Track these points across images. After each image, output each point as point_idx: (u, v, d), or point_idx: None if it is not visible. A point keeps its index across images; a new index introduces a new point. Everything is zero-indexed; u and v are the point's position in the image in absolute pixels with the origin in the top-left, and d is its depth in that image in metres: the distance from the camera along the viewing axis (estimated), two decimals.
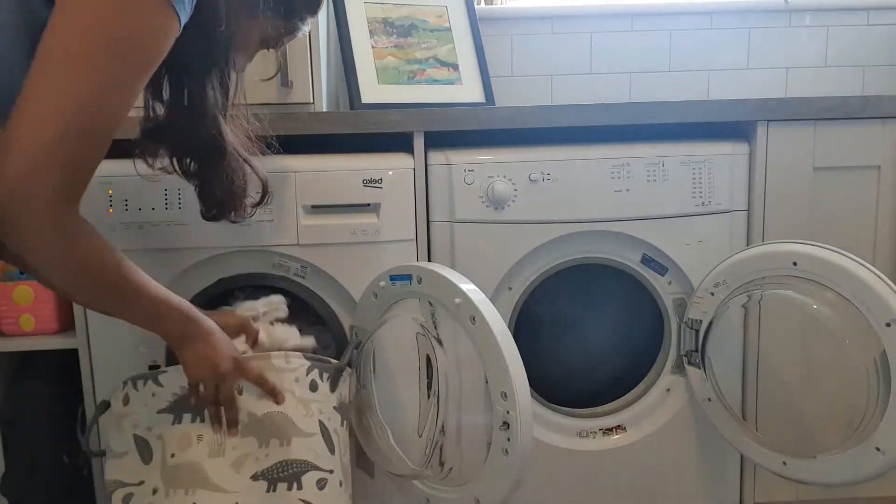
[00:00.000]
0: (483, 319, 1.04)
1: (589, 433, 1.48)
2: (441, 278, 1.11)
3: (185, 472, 1.05)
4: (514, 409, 1.00)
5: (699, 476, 1.50)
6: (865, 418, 1.16)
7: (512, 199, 1.37)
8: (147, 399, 1.10)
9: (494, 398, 1.02)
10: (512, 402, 1.00)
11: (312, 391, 1.14)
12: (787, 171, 1.42)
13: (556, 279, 1.42)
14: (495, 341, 1.03)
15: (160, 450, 1.07)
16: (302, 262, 1.32)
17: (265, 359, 1.12)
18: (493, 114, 1.39)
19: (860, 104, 1.41)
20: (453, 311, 1.08)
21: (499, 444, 1.03)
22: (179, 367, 1.06)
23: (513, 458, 1.01)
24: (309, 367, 1.15)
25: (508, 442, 1.01)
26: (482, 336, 1.04)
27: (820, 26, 2.01)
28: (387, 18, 1.69)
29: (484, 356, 1.04)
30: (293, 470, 1.07)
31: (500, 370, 1.02)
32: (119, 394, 1.11)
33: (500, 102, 1.76)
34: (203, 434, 1.07)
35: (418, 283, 1.15)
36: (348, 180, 1.31)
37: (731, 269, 1.29)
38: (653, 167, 1.39)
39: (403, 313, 1.23)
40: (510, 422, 1.01)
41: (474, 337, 1.05)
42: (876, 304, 1.10)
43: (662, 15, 2.01)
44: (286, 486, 1.07)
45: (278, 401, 1.10)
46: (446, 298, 1.10)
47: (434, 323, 1.30)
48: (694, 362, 1.38)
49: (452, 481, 1.18)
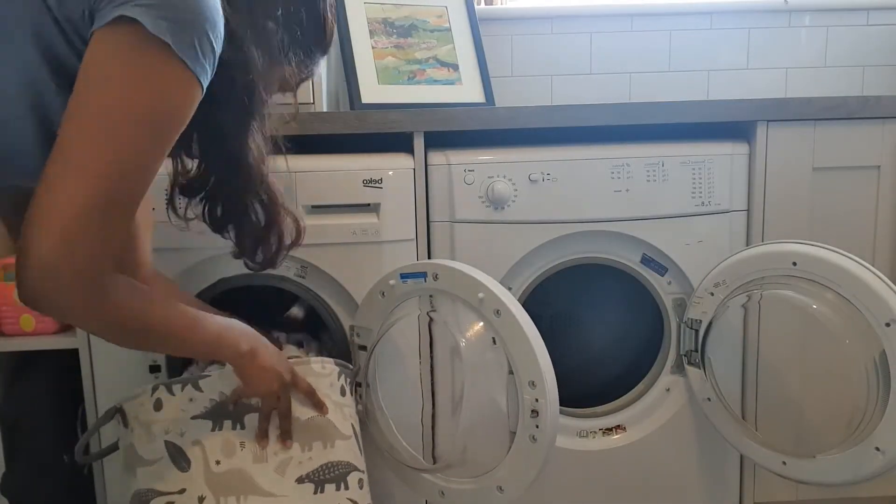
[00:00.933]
0: (509, 312, 1.08)
1: (589, 433, 1.48)
2: (460, 274, 1.14)
3: (234, 479, 1.03)
4: (542, 397, 1.06)
5: (699, 476, 1.50)
6: (865, 418, 1.16)
7: (512, 199, 1.37)
8: (185, 404, 1.06)
9: (522, 387, 1.07)
10: (541, 391, 1.06)
11: (342, 396, 1.15)
12: (786, 172, 1.42)
13: (556, 279, 1.42)
14: (522, 332, 1.07)
15: (200, 457, 1.04)
16: (302, 262, 1.32)
17: (306, 363, 1.13)
18: (493, 114, 1.39)
19: (860, 104, 1.41)
20: (475, 306, 1.11)
21: (526, 431, 1.08)
22: (223, 372, 1.05)
23: (540, 445, 1.07)
24: (339, 372, 1.16)
25: (537, 429, 1.07)
26: (509, 328, 1.08)
27: (820, 26, 2.01)
28: (387, 18, 1.69)
29: (510, 347, 1.09)
30: (339, 471, 1.09)
31: (528, 360, 1.07)
32: (147, 399, 1.07)
33: (500, 102, 1.76)
34: (245, 441, 1.06)
35: (434, 279, 1.17)
36: (348, 180, 1.31)
37: (731, 269, 1.29)
38: (653, 167, 1.39)
39: (412, 312, 1.25)
40: (539, 409, 1.06)
41: (500, 329, 1.09)
42: (875, 304, 1.10)
43: (662, 15, 2.01)
44: (334, 487, 1.08)
45: (323, 412, 1.10)
46: (467, 293, 1.13)
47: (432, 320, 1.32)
48: (694, 362, 1.38)
49: (467, 472, 1.21)
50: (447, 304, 1.20)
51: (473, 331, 1.19)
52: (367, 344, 1.27)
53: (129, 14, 0.72)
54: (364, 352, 1.28)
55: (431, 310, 1.22)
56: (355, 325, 1.29)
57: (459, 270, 1.15)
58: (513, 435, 1.11)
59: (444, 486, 1.23)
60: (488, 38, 1.82)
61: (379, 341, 1.26)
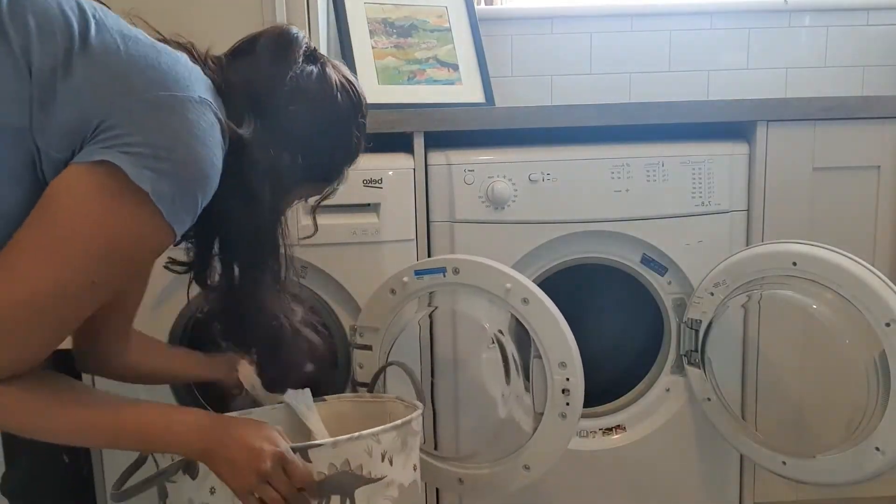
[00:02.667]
0: (537, 299, 1.15)
1: (589, 433, 1.48)
2: (485, 266, 1.19)
3: None
4: (573, 376, 1.14)
5: (699, 476, 1.50)
6: (865, 418, 1.16)
7: (512, 199, 1.37)
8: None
9: (552, 369, 1.15)
10: (572, 370, 1.14)
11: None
12: (786, 172, 1.42)
13: (556, 279, 1.42)
14: (552, 317, 1.15)
15: None
16: (302, 262, 1.32)
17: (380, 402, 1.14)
18: (493, 114, 1.39)
19: (860, 104, 1.41)
20: (501, 296, 1.16)
21: (556, 409, 1.16)
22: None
23: (570, 422, 1.15)
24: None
25: (567, 406, 1.15)
26: (538, 314, 1.15)
27: (819, 26, 2.01)
28: (387, 19, 1.69)
29: (540, 332, 1.16)
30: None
31: (558, 342, 1.15)
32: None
33: (500, 102, 1.76)
34: None
35: (454, 273, 1.19)
36: (348, 180, 1.31)
37: (731, 269, 1.29)
38: (653, 167, 1.39)
39: (422, 310, 1.28)
40: (570, 388, 1.14)
41: (528, 316, 1.16)
42: (875, 304, 1.10)
43: (662, 15, 2.01)
44: None
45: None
46: (492, 285, 1.17)
47: (430, 317, 1.36)
48: (693, 362, 1.38)
49: (485, 458, 1.25)
50: (465, 297, 1.25)
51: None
52: (370, 343, 1.27)
53: (114, 161, 0.71)
54: (368, 351, 1.27)
55: (431, 307, 1.24)
56: (358, 325, 1.29)
57: (484, 263, 1.19)
58: (539, 416, 1.18)
59: (463, 474, 1.25)
60: (488, 38, 1.82)
61: (391, 347, 1.27)
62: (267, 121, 0.85)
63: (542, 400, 1.17)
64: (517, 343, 1.26)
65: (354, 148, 0.97)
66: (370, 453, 0.94)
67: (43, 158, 0.72)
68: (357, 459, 0.93)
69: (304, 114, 0.88)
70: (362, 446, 0.93)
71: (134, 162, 0.71)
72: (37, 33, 0.71)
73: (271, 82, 0.86)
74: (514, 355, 1.27)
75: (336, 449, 0.92)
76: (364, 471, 0.93)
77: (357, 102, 0.95)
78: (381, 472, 0.95)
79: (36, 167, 0.73)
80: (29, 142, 0.71)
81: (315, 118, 0.90)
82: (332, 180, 0.99)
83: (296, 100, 0.87)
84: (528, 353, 1.22)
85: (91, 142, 0.72)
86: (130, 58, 0.75)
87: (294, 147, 0.88)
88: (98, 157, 0.71)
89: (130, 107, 0.73)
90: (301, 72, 0.88)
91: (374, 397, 1.20)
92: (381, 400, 1.16)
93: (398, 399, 1.14)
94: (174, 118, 0.74)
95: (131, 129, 0.72)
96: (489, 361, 1.35)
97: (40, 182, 0.73)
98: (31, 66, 0.70)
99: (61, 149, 0.72)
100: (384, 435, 0.95)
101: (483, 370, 1.37)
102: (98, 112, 0.72)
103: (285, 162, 0.88)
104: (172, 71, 0.77)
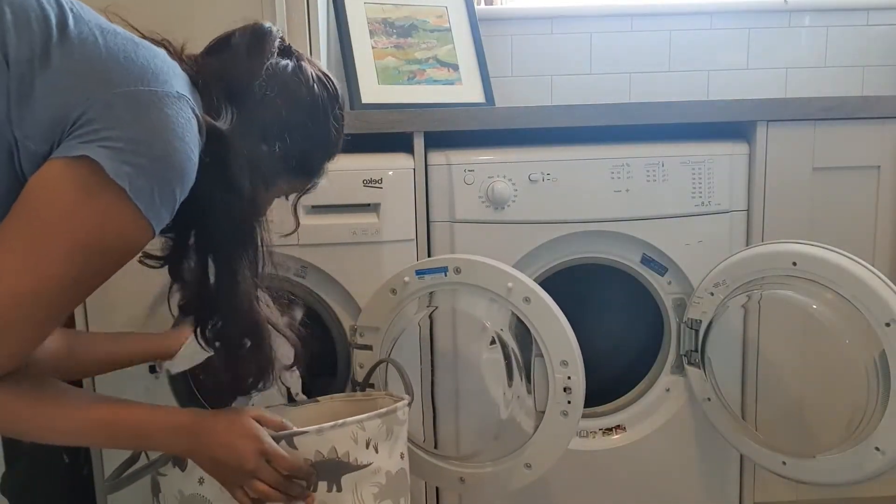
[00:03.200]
0: (539, 298, 1.16)
1: (589, 433, 1.48)
2: (487, 266, 1.19)
3: None
4: (575, 374, 1.14)
5: (699, 476, 1.50)
6: (865, 418, 1.16)
7: (512, 199, 1.37)
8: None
9: (554, 367, 1.15)
10: (573, 369, 1.15)
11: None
12: (786, 172, 1.42)
13: (556, 279, 1.42)
14: (554, 316, 1.16)
15: None
16: (302, 262, 1.32)
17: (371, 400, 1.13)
18: (493, 114, 1.39)
19: (859, 104, 1.41)
20: (503, 295, 1.17)
21: (558, 407, 1.16)
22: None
23: (571, 419, 1.16)
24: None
25: (569, 405, 1.15)
26: (540, 313, 1.16)
27: (819, 26, 2.01)
28: (387, 19, 1.69)
29: (542, 331, 1.16)
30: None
31: (560, 340, 1.15)
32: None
33: (499, 102, 1.76)
34: None
35: (455, 273, 1.19)
36: (348, 180, 1.31)
37: (731, 269, 1.29)
38: (653, 167, 1.39)
39: (422, 310, 1.29)
40: (571, 386, 1.15)
41: (530, 315, 1.16)
42: (875, 304, 1.10)
43: (662, 15, 2.01)
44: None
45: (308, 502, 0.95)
46: (493, 284, 1.18)
47: (430, 317, 1.36)
48: (693, 362, 1.38)
49: (487, 457, 1.26)
50: (466, 297, 1.26)
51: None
52: (370, 343, 1.27)
53: (92, 156, 0.70)
54: (368, 351, 1.27)
55: (431, 307, 1.24)
56: (358, 325, 1.29)
57: (485, 263, 1.19)
58: (540, 414, 1.18)
59: (464, 473, 1.26)
60: (488, 38, 1.82)
61: (397, 339, 1.28)
62: (244, 113, 0.86)
63: (544, 399, 1.18)
64: (518, 343, 1.27)
65: (333, 141, 0.97)
66: (356, 440, 0.96)
67: (21, 151, 0.72)
68: (343, 446, 0.95)
69: (280, 105, 0.88)
70: (347, 433, 0.96)
71: (113, 157, 0.71)
72: (13, 24, 0.71)
73: (247, 74, 0.86)
74: (515, 354, 1.27)
75: (322, 436, 0.94)
76: (350, 458, 0.96)
77: (333, 94, 0.95)
78: (367, 458, 0.98)
79: (14, 160, 0.72)
80: (7, 134, 0.71)
81: (292, 109, 0.90)
82: (311, 174, 0.98)
83: (272, 91, 0.87)
84: (528, 352, 1.22)
85: (70, 136, 0.72)
86: (109, 51, 0.75)
87: (272, 138, 0.88)
88: (77, 153, 0.71)
89: (110, 100, 0.72)
90: (276, 63, 0.89)
91: (365, 395, 1.20)
92: (371, 397, 1.17)
93: (388, 394, 1.16)
94: (153, 113, 0.74)
95: (110, 122, 0.72)
96: (490, 361, 1.35)
97: (18, 175, 0.73)
98: (8, 57, 0.70)
99: (40, 141, 0.72)
100: (369, 422, 0.98)
101: (484, 370, 1.38)
102: (77, 104, 0.72)
103: (263, 154, 0.88)
104: (151, 65, 0.77)
